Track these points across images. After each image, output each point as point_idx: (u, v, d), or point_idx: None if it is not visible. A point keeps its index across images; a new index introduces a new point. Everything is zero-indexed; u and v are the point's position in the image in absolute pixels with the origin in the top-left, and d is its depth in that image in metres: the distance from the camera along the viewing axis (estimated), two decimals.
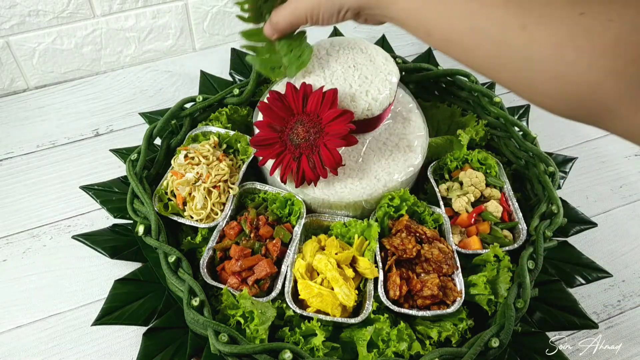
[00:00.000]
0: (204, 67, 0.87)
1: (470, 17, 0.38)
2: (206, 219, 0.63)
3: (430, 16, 0.42)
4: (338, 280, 0.56)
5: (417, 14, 0.43)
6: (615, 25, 0.32)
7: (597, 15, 0.32)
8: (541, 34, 0.35)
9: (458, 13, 0.39)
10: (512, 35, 0.36)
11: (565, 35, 0.33)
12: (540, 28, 0.35)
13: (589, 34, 0.32)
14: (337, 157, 0.58)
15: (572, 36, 0.33)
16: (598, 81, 0.33)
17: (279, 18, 0.55)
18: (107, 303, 0.58)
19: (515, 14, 0.36)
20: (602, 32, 0.32)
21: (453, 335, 0.55)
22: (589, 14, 0.33)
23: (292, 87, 0.60)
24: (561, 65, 0.34)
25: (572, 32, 0.33)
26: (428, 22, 0.42)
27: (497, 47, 0.37)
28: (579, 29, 0.33)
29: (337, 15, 0.50)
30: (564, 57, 0.33)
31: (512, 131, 0.73)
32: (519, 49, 0.36)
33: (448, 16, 0.40)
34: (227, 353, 0.51)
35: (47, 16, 0.81)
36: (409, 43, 0.99)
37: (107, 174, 0.75)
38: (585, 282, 0.64)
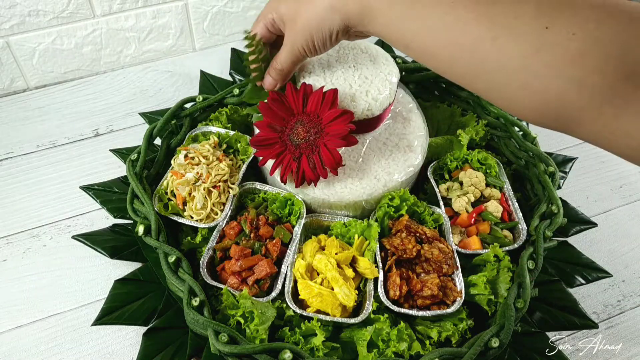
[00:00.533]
0: (204, 67, 0.87)
1: (446, 31, 0.40)
2: (206, 219, 0.63)
3: (408, 31, 0.43)
4: (338, 280, 0.56)
5: (396, 29, 0.44)
6: (577, 38, 0.34)
7: (560, 29, 0.35)
8: (510, 46, 0.37)
9: (434, 28, 0.41)
10: (485, 48, 0.38)
11: (531, 47, 0.36)
12: (509, 40, 0.37)
13: (553, 46, 0.35)
14: (337, 157, 0.58)
15: (537, 49, 0.35)
16: (563, 90, 0.35)
17: (282, 64, 0.56)
18: (107, 303, 0.58)
19: (487, 27, 0.38)
20: (565, 45, 0.34)
21: (453, 335, 0.55)
22: (553, 28, 0.35)
23: (293, 87, 0.60)
24: (528, 76, 0.36)
25: (537, 44, 0.35)
26: (406, 37, 0.43)
27: (471, 59, 0.39)
28: (544, 42, 0.35)
29: (330, 40, 0.52)
30: (531, 68, 0.36)
31: (512, 131, 0.73)
32: (491, 61, 0.38)
33: (425, 31, 0.42)
34: (227, 353, 0.51)
35: (47, 16, 0.81)
36: None
37: (107, 174, 0.75)
38: (585, 282, 0.64)
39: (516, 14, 0.37)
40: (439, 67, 0.43)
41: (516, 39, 0.36)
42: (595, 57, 0.33)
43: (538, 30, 0.35)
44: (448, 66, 0.42)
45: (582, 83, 0.34)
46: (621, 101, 0.33)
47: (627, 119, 0.34)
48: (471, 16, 0.38)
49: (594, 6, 0.35)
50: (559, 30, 0.35)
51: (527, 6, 0.36)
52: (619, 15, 0.34)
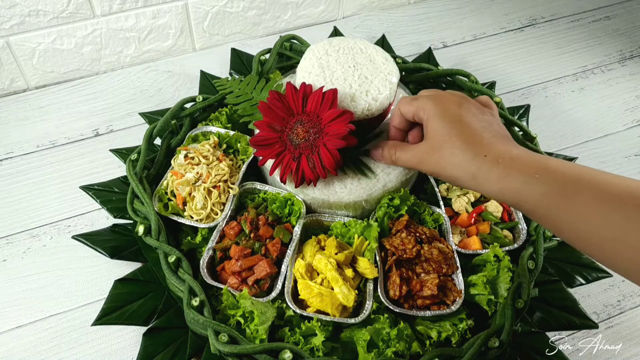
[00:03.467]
0: (204, 67, 0.87)
1: (612, 229, 0.39)
2: (206, 219, 0.63)
3: (562, 221, 0.42)
4: (338, 280, 0.56)
5: (546, 214, 0.43)
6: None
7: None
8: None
9: (598, 224, 0.40)
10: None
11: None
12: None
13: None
14: (336, 157, 0.57)
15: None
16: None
17: (400, 161, 0.57)
18: (107, 303, 0.58)
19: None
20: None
21: (453, 335, 0.55)
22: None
23: (292, 87, 0.60)
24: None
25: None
26: (557, 223, 0.43)
27: (636, 255, 0.38)
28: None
29: None
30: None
31: (512, 131, 0.73)
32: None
33: (583, 224, 0.41)
34: (227, 353, 0.51)
35: (47, 16, 0.81)
36: (409, 43, 0.99)
37: (107, 174, 0.75)
38: (585, 282, 0.64)
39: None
40: (592, 254, 0.42)
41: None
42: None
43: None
44: (605, 257, 0.41)
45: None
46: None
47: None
48: None
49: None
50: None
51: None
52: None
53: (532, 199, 0.43)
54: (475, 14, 1.06)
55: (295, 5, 0.97)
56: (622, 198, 0.39)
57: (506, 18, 1.05)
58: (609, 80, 0.94)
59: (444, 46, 0.99)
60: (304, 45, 0.83)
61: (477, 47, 0.99)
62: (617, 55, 0.99)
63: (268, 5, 0.94)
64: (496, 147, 0.47)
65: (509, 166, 0.45)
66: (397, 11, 1.06)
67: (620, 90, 0.93)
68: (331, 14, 1.01)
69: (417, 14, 1.05)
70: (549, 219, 0.43)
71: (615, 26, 1.04)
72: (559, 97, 0.91)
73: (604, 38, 1.02)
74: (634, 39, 1.02)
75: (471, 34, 1.01)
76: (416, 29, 1.02)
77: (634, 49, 1.00)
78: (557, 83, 0.94)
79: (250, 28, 0.96)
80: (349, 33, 1.00)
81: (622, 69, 0.96)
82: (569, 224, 0.42)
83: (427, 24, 1.03)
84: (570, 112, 0.89)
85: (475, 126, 0.49)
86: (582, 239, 0.41)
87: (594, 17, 1.06)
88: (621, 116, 0.89)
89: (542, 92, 0.92)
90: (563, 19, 1.06)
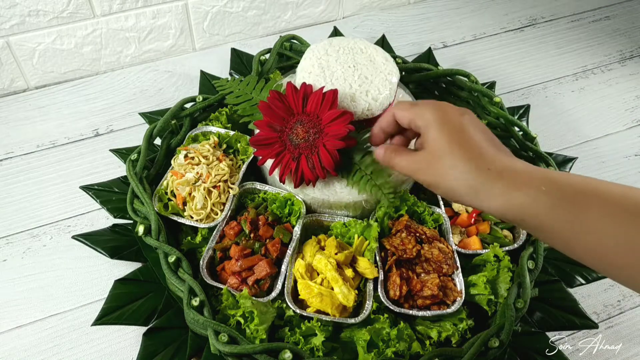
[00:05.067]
0: (204, 67, 0.87)
1: (626, 243, 0.38)
2: (206, 219, 0.63)
3: (572, 238, 0.41)
4: (338, 280, 0.56)
5: (552, 230, 0.42)
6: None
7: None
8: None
9: (613, 236, 0.39)
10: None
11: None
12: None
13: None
14: (336, 158, 0.57)
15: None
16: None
17: (400, 167, 0.51)
18: (107, 303, 0.58)
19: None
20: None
21: (453, 335, 0.55)
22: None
23: (293, 87, 0.60)
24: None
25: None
26: (571, 237, 0.41)
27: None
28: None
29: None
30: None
31: (512, 131, 0.73)
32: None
33: (598, 236, 0.40)
34: (227, 353, 0.51)
35: (47, 16, 0.81)
36: (409, 43, 0.99)
37: (107, 174, 0.75)
38: (585, 282, 0.64)
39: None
40: (606, 269, 0.41)
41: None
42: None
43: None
44: (619, 273, 0.40)
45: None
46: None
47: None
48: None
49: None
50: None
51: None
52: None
53: (539, 214, 0.42)
54: (475, 14, 1.06)
55: (295, 5, 0.97)
56: (634, 211, 0.38)
57: (506, 18, 1.05)
58: (609, 80, 0.94)
59: (444, 46, 0.99)
60: (304, 45, 0.83)
61: (477, 47, 0.99)
62: (617, 55, 0.99)
63: (268, 5, 0.94)
64: (500, 161, 0.45)
65: (513, 180, 0.43)
66: (397, 11, 1.06)
67: (620, 90, 0.93)
68: (331, 14, 1.01)
69: (417, 14, 1.05)
70: (556, 235, 0.42)
71: (615, 26, 1.04)
72: (559, 97, 0.91)
73: (604, 38, 1.02)
74: (634, 39, 1.02)
75: (471, 34, 1.01)
76: (416, 29, 1.02)
77: (634, 49, 1.00)
78: (557, 83, 0.94)
79: (250, 28, 0.96)
80: (349, 33, 1.00)
81: (622, 69, 0.96)
82: (579, 239, 0.40)
83: (427, 24, 1.03)
84: (570, 112, 0.89)
85: (478, 137, 0.46)
86: (594, 254, 0.40)
87: (594, 17, 1.06)
88: (621, 116, 0.89)
89: (542, 92, 0.92)
90: (563, 19, 1.06)
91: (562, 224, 0.41)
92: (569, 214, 0.40)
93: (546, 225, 0.42)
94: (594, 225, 0.39)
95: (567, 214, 0.40)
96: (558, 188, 0.41)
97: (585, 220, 0.39)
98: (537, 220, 0.42)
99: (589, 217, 0.39)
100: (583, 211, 0.40)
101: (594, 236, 0.39)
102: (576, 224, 0.40)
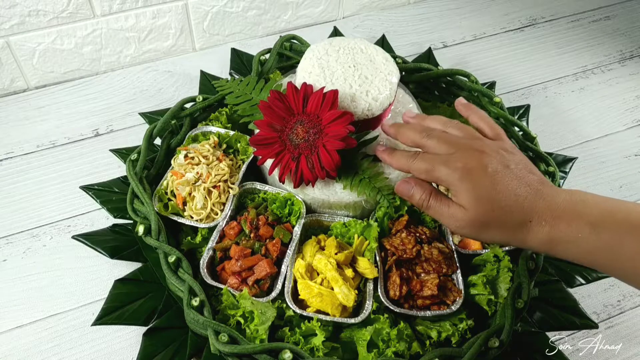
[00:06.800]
0: (204, 67, 0.87)
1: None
2: (206, 219, 0.63)
3: (593, 256, 0.44)
4: (338, 280, 0.56)
5: (577, 252, 0.45)
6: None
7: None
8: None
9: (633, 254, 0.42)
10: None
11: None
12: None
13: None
14: (335, 158, 0.57)
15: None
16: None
17: (438, 213, 0.50)
18: (107, 303, 0.58)
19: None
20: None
21: (453, 335, 0.55)
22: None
23: (293, 87, 0.60)
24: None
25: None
26: (593, 257, 0.44)
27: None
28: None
29: None
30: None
31: (512, 131, 0.73)
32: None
33: (615, 254, 0.43)
34: (227, 353, 0.51)
35: (47, 16, 0.81)
36: (409, 43, 0.99)
37: (107, 174, 0.75)
38: (585, 282, 0.64)
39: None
40: (622, 276, 0.44)
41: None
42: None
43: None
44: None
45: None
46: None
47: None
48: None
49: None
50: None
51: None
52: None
53: (580, 252, 0.45)
54: (475, 14, 1.06)
55: (295, 5, 0.97)
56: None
57: (506, 18, 1.05)
58: (609, 80, 0.94)
59: (444, 46, 0.99)
60: (304, 45, 0.83)
61: (477, 47, 0.99)
62: (617, 55, 0.99)
63: (268, 5, 0.94)
64: (537, 207, 0.46)
65: (553, 223, 0.45)
66: (397, 11, 1.06)
67: (620, 90, 0.93)
68: (331, 14, 1.01)
69: (417, 14, 1.05)
70: (580, 255, 0.45)
71: (615, 26, 1.04)
72: (559, 97, 0.91)
73: (604, 38, 1.02)
74: (634, 39, 1.02)
75: (471, 34, 1.01)
76: (416, 29, 1.02)
77: (634, 49, 1.00)
78: (557, 83, 0.94)
79: (250, 28, 0.96)
80: (349, 33, 1.00)
81: (622, 69, 0.96)
82: (598, 257, 0.44)
83: (427, 24, 1.03)
84: (570, 112, 0.89)
85: (512, 194, 0.46)
86: (610, 265, 0.44)
87: (594, 17, 1.06)
88: (621, 116, 0.89)
89: (542, 92, 0.92)
90: (563, 19, 1.06)
91: (584, 241, 0.44)
92: (591, 236, 0.44)
93: (566, 249, 0.45)
94: (616, 243, 0.43)
95: (590, 236, 0.44)
96: (608, 223, 0.44)
97: (603, 239, 0.43)
98: (579, 254, 0.45)
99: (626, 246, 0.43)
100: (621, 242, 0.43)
101: (609, 248, 0.43)
102: (616, 253, 0.43)
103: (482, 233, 0.48)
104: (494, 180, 0.46)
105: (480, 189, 0.46)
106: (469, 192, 0.46)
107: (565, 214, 0.45)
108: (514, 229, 0.46)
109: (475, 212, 0.46)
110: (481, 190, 0.46)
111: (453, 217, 0.48)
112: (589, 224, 0.44)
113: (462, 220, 0.48)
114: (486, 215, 0.46)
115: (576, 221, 0.44)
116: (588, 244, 0.43)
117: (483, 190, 0.46)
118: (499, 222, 0.46)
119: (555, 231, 0.45)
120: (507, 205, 0.46)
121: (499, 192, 0.46)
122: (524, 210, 0.46)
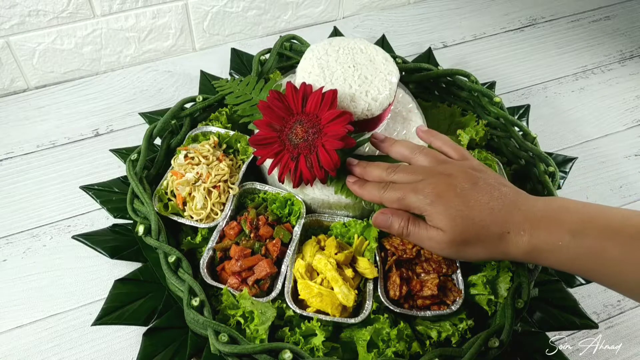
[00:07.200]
0: (204, 67, 0.87)
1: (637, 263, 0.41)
2: (206, 219, 0.63)
3: (581, 266, 0.45)
4: (338, 280, 0.56)
5: (569, 261, 0.45)
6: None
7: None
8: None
9: (619, 259, 0.42)
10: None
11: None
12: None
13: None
14: (334, 158, 0.57)
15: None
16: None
17: (417, 239, 0.52)
18: (107, 303, 0.58)
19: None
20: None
21: (453, 335, 0.55)
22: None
23: (293, 87, 0.60)
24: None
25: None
26: (582, 267, 0.45)
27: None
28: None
29: None
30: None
31: (512, 131, 0.73)
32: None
33: (601, 262, 0.43)
34: (227, 353, 0.51)
35: (47, 16, 0.81)
36: (409, 43, 0.99)
37: (107, 174, 0.75)
38: (585, 282, 0.64)
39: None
40: (606, 282, 0.45)
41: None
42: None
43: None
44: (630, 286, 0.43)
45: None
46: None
47: None
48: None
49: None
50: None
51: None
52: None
53: (562, 259, 0.45)
54: (475, 14, 1.06)
55: (295, 5, 0.97)
56: (633, 234, 0.41)
57: (506, 18, 1.05)
58: (609, 80, 0.94)
59: (444, 46, 0.99)
60: (304, 45, 0.83)
61: (477, 47, 0.99)
62: (617, 55, 0.99)
63: (268, 5, 0.94)
64: (513, 218, 0.47)
65: (532, 232, 0.46)
66: (397, 11, 1.06)
67: (620, 90, 0.93)
68: (331, 14, 1.01)
69: (417, 14, 1.05)
70: (571, 264, 0.45)
71: (615, 26, 1.04)
72: (559, 97, 0.91)
73: (604, 38, 1.02)
74: (634, 39, 1.02)
75: (471, 34, 1.01)
76: (416, 29, 1.02)
77: (634, 49, 1.00)
78: (557, 83, 0.94)
79: (250, 28, 0.97)
80: (349, 33, 1.00)
81: (622, 69, 0.96)
82: (585, 269, 0.44)
83: (427, 24, 1.03)
84: (570, 112, 0.89)
85: (485, 208, 0.47)
86: (597, 273, 0.44)
87: (594, 17, 1.06)
88: (621, 116, 0.89)
89: (542, 92, 0.92)
90: (563, 19, 1.06)
91: (576, 248, 0.44)
92: (576, 248, 0.44)
93: (555, 260, 0.46)
94: (606, 254, 0.43)
95: (576, 247, 0.44)
96: (589, 228, 0.44)
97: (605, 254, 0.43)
98: (562, 262, 0.46)
99: (611, 244, 0.43)
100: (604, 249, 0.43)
101: (594, 257, 0.43)
102: (599, 259, 0.43)
103: (463, 252, 0.49)
104: (464, 198, 0.47)
105: (453, 209, 0.47)
106: (442, 215, 0.48)
107: (544, 222, 0.45)
108: (494, 242, 0.47)
109: (453, 232, 0.47)
110: (453, 210, 0.47)
111: (433, 240, 0.50)
112: (570, 231, 0.44)
113: (442, 242, 0.49)
114: (464, 234, 0.47)
115: (556, 229, 0.44)
116: (570, 251, 0.44)
117: (455, 210, 0.47)
118: (478, 238, 0.47)
119: (535, 240, 0.45)
120: (482, 220, 0.47)
121: (472, 208, 0.47)
122: (500, 222, 0.46)
